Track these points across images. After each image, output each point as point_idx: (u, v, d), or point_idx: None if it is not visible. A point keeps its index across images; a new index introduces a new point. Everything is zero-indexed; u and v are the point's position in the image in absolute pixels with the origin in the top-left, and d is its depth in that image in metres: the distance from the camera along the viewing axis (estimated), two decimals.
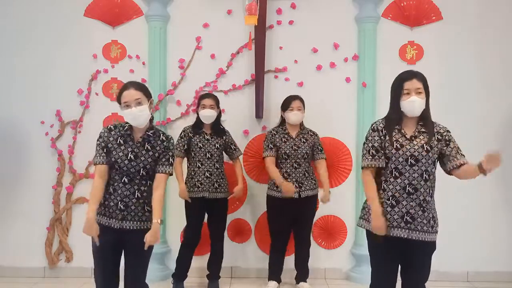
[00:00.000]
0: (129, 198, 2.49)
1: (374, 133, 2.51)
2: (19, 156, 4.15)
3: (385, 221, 2.41)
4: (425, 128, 2.47)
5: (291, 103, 3.66)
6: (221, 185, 3.68)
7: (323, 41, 4.10)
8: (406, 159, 2.41)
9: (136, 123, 2.50)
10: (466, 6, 4.08)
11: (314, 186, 3.69)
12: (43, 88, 4.13)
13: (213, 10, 4.10)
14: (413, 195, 2.40)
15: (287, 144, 3.66)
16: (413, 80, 2.45)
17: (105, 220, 2.50)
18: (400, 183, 2.42)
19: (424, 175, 2.41)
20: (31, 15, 4.13)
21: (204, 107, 3.63)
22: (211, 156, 3.64)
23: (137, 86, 2.54)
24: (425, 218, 2.41)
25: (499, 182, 4.09)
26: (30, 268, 4.12)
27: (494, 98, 4.06)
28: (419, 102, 2.42)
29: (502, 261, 4.07)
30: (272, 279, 3.75)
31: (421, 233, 2.40)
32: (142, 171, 2.49)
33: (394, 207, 2.42)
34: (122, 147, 2.50)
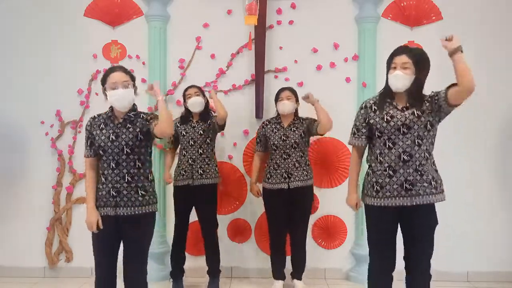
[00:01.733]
0: (120, 184, 2.51)
1: (361, 111, 2.63)
2: (19, 156, 4.15)
3: (358, 200, 2.65)
4: (416, 100, 2.49)
5: (281, 93, 3.68)
6: (206, 170, 3.62)
7: (323, 41, 4.10)
8: (398, 129, 2.46)
9: (120, 104, 2.52)
10: (466, 6, 4.08)
11: (305, 178, 3.63)
12: (43, 88, 4.13)
13: (213, 10, 4.11)
14: (409, 162, 2.43)
15: (276, 134, 3.67)
16: (402, 56, 2.47)
17: (101, 210, 2.53)
18: (394, 153, 2.46)
19: (417, 140, 2.44)
20: (31, 15, 4.13)
21: (190, 96, 3.64)
22: (194, 143, 3.63)
23: (124, 69, 2.59)
24: (425, 181, 2.43)
25: (499, 182, 4.09)
26: (30, 268, 4.12)
27: (494, 98, 4.05)
28: (401, 76, 2.43)
29: (502, 261, 4.07)
30: (277, 278, 3.74)
31: (424, 197, 2.43)
32: (125, 149, 2.49)
33: (392, 177, 2.45)
34: (103, 131, 2.54)
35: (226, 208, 4.15)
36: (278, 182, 3.62)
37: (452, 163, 4.00)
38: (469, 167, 4.05)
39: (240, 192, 4.15)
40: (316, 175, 3.99)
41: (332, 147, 4.09)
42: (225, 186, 4.12)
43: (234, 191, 4.14)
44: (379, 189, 2.49)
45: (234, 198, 4.15)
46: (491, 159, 4.10)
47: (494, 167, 4.10)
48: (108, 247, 2.56)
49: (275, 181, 3.63)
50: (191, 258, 3.90)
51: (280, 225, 3.69)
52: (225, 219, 4.14)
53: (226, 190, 4.13)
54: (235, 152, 4.15)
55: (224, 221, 4.13)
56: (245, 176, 4.14)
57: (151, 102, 4.04)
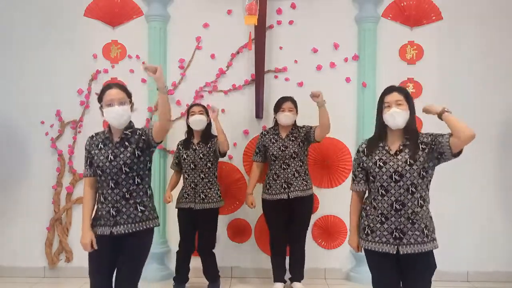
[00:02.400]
0: (119, 203, 2.48)
1: (355, 156, 2.59)
2: (19, 156, 4.15)
3: (358, 241, 2.56)
4: (410, 141, 2.43)
5: (282, 104, 3.65)
6: (208, 195, 3.61)
7: (323, 41, 4.10)
8: (390, 176, 2.39)
9: (117, 122, 2.49)
10: (466, 6, 4.08)
11: (304, 187, 3.63)
12: (43, 88, 4.13)
13: (213, 10, 4.10)
14: (401, 211, 2.38)
15: (275, 145, 3.66)
16: (393, 93, 2.45)
17: (100, 229, 2.50)
18: (387, 200, 2.41)
19: (411, 188, 2.37)
20: (31, 15, 4.13)
21: (194, 113, 3.63)
22: (195, 167, 3.61)
23: (120, 86, 2.56)
24: (417, 229, 2.38)
25: (499, 182, 4.09)
26: (30, 268, 4.12)
27: (494, 98, 4.05)
28: (399, 113, 2.40)
29: (502, 261, 4.07)
30: (277, 280, 3.74)
31: (415, 246, 2.37)
32: (124, 168, 2.47)
33: (383, 224, 2.42)
34: (102, 151, 2.51)
35: (226, 208, 4.14)
36: (278, 192, 3.62)
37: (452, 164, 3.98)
38: (469, 167, 4.04)
39: (240, 192, 4.14)
40: (316, 175, 4.00)
41: (332, 147, 4.09)
42: (225, 186, 4.12)
43: (234, 191, 4.14)
44: (370, 233, 2.47)
45: (234, 198, 4.15)
46: (492, 159, 4.09)
47: (494, 167, 4.09)
48: (105, 268, 2.53)
49: (275, 192, 3.63)
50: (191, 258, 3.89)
51: (280, 232, 3.69)
52: (225, 219, 4.14)
53: (226, 190, 4.13)
54: (235, 152, 4.14)
55: (224, 221, 4.13)
56: (245, 176, 4.14)
57: (151, 102, 4.04)
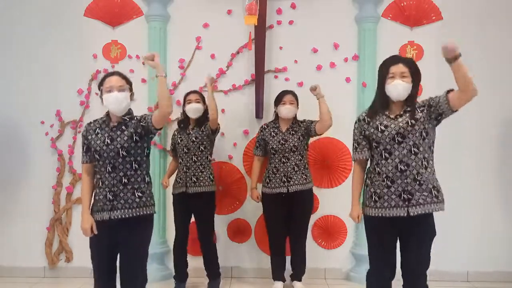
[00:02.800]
0: (116, 187, 2.48)
1: (356, 124, 2.64)
2: (19, 156, 4.15)
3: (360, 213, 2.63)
4: (410, 107, 2.48)
5: (284, 97, 3.65)
6: (200, 178, 3.60)
7: (323, 41, 4.10)
8: (393, 138, 2.44)
9: (116, 108, 2.50)
10: (466, 6, 4.08)
11: (304, 181, 3.62)
12: (43, 88, 4.13)
13: (213, 10, 4.10)
14: (406, 171, 2.41)
15: (275, 138, 3.65)
16: (398, 65, 2.47)
17: (97, 215, 2.51)
18: (391, 163, 2.44)
19: (413, 149, 2.41)
20: (31, 15, 4.13)
21: (190, 101, 3.64)
22: (188, 150, 3.62)
23: (120, 74, 2.58)
24: (424, 190, 2.41)
25: (499, 182, 4.09)
26: (30, 268, 4.12)
27: (494, 98, 4.05)
28: (403, 85, 2.43)
29: (502, 261, 4.07)
30: (277, 279, 3.74)
31: (424, 206, 2.40)
32: (121, 152, 2.47)
33: (390, 187, 2.44)
34: (99, 135, 2.53)
35: (226, 208, 4.14)
36: (277, 186, 3.61)
37: (452, 164, 4.00)
38: (469, 167, 4.05)
39: (240, 192, 4.14)
40: (316, 175, 3.99)
41: (332, 147, 4.09)
42: (225, 186, 4.13)
43: (234, 191, 4.14)
44: (377, 199, 2.48)
45: (234, 198, 4.15)
46: (491, 159, 4.09)
47: (494, 167, 4.09)
48: (105, 253, 2.53)
49: (274, 185, 3.62)
50: (191, 258, 3.89)
51: (279, 228, 3.68)
52: (225, 219, 4.14)
53: (226, 190, 4.13)
54: (235, 152, 4.14)
55: (224, 221, 4.13)
56: (245, 176, 4.14)
57: (151, 102, 4.04)
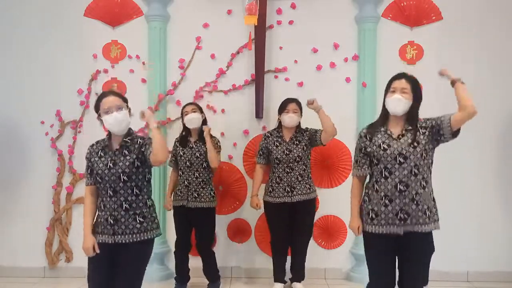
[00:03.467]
0: (117, 212, 2.48)
1: (358, 140, 2.65)
2: (19, 156, 4.15)
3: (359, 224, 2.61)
4: (412, 126, 2.50)
5: (287, 105, 3.62)
6: (201, 194, 3.59)
7: (323, 41, 4.10)
8: (395, 158, 2.46)
9: (117, 129, 2.48)
10: (466, 6, 4.08)
11: (308, 191, 3.61)
12: (43, 88, 4.13)
13: (213, 10, 4.10)
14: (405, 192, 2.44)
15: (278, 148, 3.63)
16: (401, 80, 2.50)
17: (99, 237, 2.51)
18: (390, 182, 2.47)
19: (414, 170, 2.44)
20: (31, 15, 4.13)
21: (187, 113, 3.62)
22: (191, 165, 3.60)
23: (115, 93, 2.57)
24: (420, 210, 2.44)
25: (499, 182, 4.09)
26: (30, 268, 4.12)
27: (494, 98, 4.05)
28: (402, 101, 2.46)
29: (502, 261, 4.07)
30: (277, 281, 3.74)
31: (417, 226, 2.44)
32: (122, 176, 2.46)
33: (388, 206, 2.47)
34: (102, 159, 2.52)
35: (226, 208, 4.14)
36: (281, 196, 3.60)
37: (452, 164, 4.00)
38: (469, 167, 4.05)
39: (240, 192, 4.15)
40: (316, 175, 3.99)
41: (332, 147, 4.09)
42: (225, 186, 4.13)
43: (234, 191, 4.14)
44: (374, 216, 2.52)
45: (234, 198, 4.15)
46: (492, 159, 4.09)
47: (494, 167, 4.09)
48: (102, 274, 2.54)
49: (278, 195, 3.61)
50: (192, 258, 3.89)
51: (282, 234, 3.67)
52: (225, 219, 4.14)
53: (226, 190, 4.13)
54: (235, 152, 4.14)
55: (224, 221, 4.13)
56: (245, 176, 4.14)
57: (151, 102, 4.04)
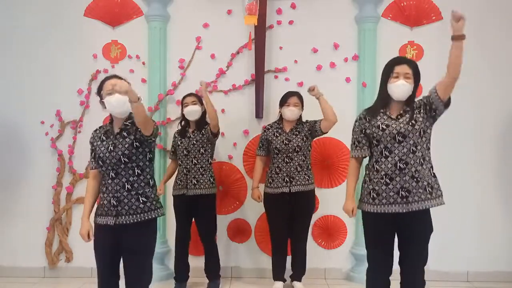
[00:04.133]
0: (120, 193, 2.49)
1: (357, 123, 2.69)
2: (19, 156, 4.15)
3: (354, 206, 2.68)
4: (409, 107, 2.54)
5: (288, 98, 3.65)
6: (200, 181, 3.61)
7: (323, 41, 4.10)
8: (394, 137, 2.50)
9: (119, 110, 2.49)
10: (466, 6, 4.05)
11: (306, 182, 3.62)
12: (43, 88, 4.13)
13: (213, 10, 4.10)
14: (405, 169, 2.47)
15: (278, 138, 3.65)
16: (403, 65, 2.54)
17: (102, 219, 2.52)
18: (391, 161, 2.50)
19: (412, 148, 2.48)
20: (31, 15, 4.13)
21: (187, 104, 3.64)
22: (188, 153, 3.63)
23: (118, 77, 2.57)
24: (420, 187, 2.47)
25: (499, 182, 4.09)
26: (30, 268, 4.12)
27: (494, 98, 4.06)
28: (407, 86, 2.50)
29: (502, 261, 4.07)
30: (277, 279, 3.74)
31: (419, 203, 2.46)
32: (122, 158, 2.48)
33: (389, 185, 2.50)
34: (104, 143, 2.55)
35: (226, 208, 4.15)
36: (280, 186, 3.61)
37: (452, 164, 4.00)
38: (469, 167, 4.05)
39: (240, 192, 4.15)
40: (316, 175, 3.98)
41: (332, 147, 4.09)
42: (225, 186, 4.13)
43: (234, 191, 4.14)
44: (376, 196, 2.54)
45: (234, 198, 4.15)
46: (492, 159, 4.09)
47: (494, 167, 4.09)
48: (109, 256, 2.53)
49: (277, 185, 3.62)
50: (191, 258, 3.90)
51: (281, 228, 3.67)
52: (225, 219, 4.14)
53: (226, 190, 4.13)
54: (235, 152, 4.14)
55: (224, 221, 4.13)
56: (245, 176, 4.14)
57: (151, 102, 4.04)
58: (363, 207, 2.62)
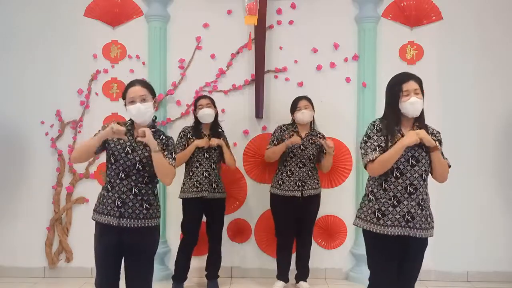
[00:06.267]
0: (126, 195, 2.47)
1: (379, 133, 2.49)
2: (19, 156, 4.15)
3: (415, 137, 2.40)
4: (420, 127, 2.49)
5: (298, 103, 3.68)
6: (219, 185, 3.69)
7: (323, 41, 4.10)
8: (408, 160, 2.45)
9: (140, 119, 2.49)
10: (466, 6, 4.08)
11: (316, 186, 3.70)
12: (43, 88, 4.13)
13: (213, 10, 4.10)
14: (413, 195, 2.45)
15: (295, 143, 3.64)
16: (410, 82, 2.49)
17: (104, 218, 2.49)
18: (401, 183, 2.46)
19: (424, 175, 2.47)
20: (31, 15, 4.13)
21: (202, 107, 3.64)
22: (210, 157, 3.64)
23: (143, 83, 2.56)
24: (423, 216, 2.47)
25: (499, 182, 4.09)
26: (30, 268, 4.12)
27: (494, 98, 4.06)
28: (419, 103, 2.46)
29: (502, 261, 4.07)
30: (279, 278, 3.76)
31: (419, 231, 2.46)
32: (138, 165, 2.47)
33: (396, 207, 2.46)
34: (121, 141, 2.49)
35: (226, 208, 4.11)
36: (292, 189, 3.63)
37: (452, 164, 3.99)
38: (469, 167, 4.05)
39: (240, 192, 4.15)
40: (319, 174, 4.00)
41: None
42: (225, 186, 4.12)
43: (234, 191, 4.14)
44: (381, 216, 2.48)
45: (234, 198, 4.15)
46: (492, 160, 4.09)
47: (494, 167, 4.09)
48: (111, 256, 2.52)
49: (288, 188, 3.64)
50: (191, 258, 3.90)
51: (289, 229, 3.71)
52: (225, 219, 4.11)
53: (226, 190, 4.13)
54: (235, 152, 4.12)
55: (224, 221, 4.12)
56: (245, 176, 4.14)
57: None
58: (366, 226, 2.53)
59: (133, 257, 2.51)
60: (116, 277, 2.55)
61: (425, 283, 3.91)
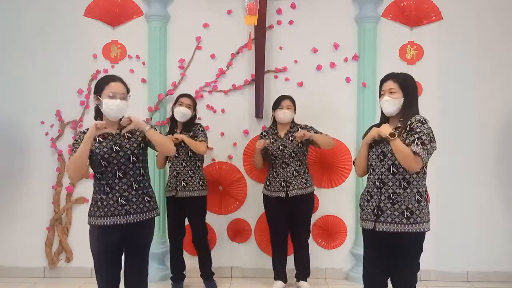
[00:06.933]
0: (128, 192, 2.52)
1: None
2: (19, 156, 4.15)
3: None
4: (401, 124, 2.49)
5: (281, 102, 3.69)
6: (189, 183, 3.61)
7: (323, 41, 4.10)
8: (378, 156, 2.53)
9: (115, 115, 2.49)
10: (466, 6, 4.08)
11: (304, 186, 3.65)
12: (43, 88, 4.13)
13: (213, 10, 4.10)
14: (382, 189, 2.49)
15: (274, 145, 3.68)
16: (388, 81, 2.55)
17: (108, 220, 2.50)
18: (371, 179, 2.56)
19: (392, 168, 2.47)
20: (31, 15, 4.13)
21: (181, 104, 3.64)
22: (178, 155, 3.63)
23: (123, 81, 2.57)
24: (396, 210, 2.45)
25: (499, 182, 4.09)
26: (30, 268, 4.12)
27: (494, 98, 4.05)
28: (390, 101, 2.50)
29: (502, 261, 4.07)
30: (277, 278, 3.76)
31: (392, 225, 2.44)
32: (131, 158, 2.51)
33: (369, 202, 2.55)
34: (103, 143, 2.51)
35: (226, 208, 4.15)
36: (277, 190, 3.65)
37: (452, 164, 4.00)
38: (469, 167, 4.05)
39: (240, 192, 4.15)
40: (316, 175, 3.99)
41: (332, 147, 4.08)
42: (225, 186, 4.13)
43: (234, 191, 4.14)
44: (361, 210, 2.63)
45: (234, 198, 4.15)
46: (492, 160, 4.09)
47: (494, 167, 4.09)
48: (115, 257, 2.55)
49: (274, 189, 3.66)
50: (189, 258, 3.90)
51: (280, 228, 3.73)
52: (225, 219, 4.14)
53: (226, 190, 4.13)
54: (235, 152, 4.14)
55: (224, 221, 4.13)
56: (245, 176, 4.14)
57: (151, 102, 4.04)
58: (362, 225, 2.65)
59: (131, 249, 2.58)
60: (117, 277, 2.57)
61: (425, 283, 3.91)
